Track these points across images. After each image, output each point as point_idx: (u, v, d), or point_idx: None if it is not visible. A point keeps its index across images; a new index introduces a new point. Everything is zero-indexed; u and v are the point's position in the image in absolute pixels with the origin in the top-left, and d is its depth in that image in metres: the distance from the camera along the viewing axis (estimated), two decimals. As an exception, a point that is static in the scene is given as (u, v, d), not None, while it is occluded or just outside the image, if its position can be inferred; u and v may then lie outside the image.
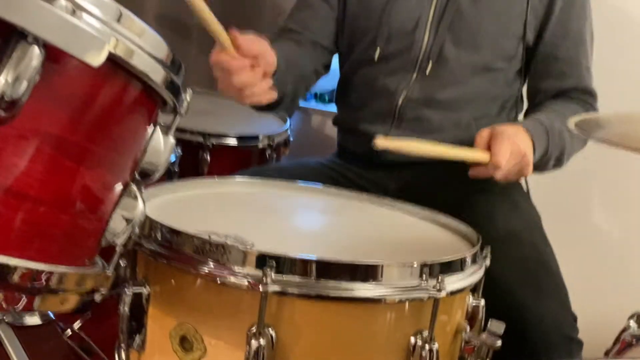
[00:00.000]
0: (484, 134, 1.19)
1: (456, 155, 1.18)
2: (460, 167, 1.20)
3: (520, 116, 1.50)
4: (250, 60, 1.14)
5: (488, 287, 1.00)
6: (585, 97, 1.40)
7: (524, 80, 1.46)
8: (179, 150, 1.52)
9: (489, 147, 1.18)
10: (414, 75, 1.40)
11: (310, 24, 1.48)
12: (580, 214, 2.00)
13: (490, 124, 1.25)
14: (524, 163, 1.20)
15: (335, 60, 1.60)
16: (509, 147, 1.16)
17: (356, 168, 1.47)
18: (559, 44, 1.39)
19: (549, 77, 1.41)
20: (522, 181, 1.46)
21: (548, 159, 1.30)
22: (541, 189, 1.47)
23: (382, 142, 1.12)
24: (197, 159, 1.62)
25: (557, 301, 1.21)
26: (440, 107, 1.40)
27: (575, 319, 1.23)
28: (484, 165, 1.17)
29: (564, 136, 1.28)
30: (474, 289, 0.97)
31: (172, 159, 0.81)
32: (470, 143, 1.24)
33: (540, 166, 1.30)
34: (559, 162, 1.33)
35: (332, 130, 1.69)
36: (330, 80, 1.74)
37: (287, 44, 1.42)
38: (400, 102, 1.41)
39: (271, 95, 1.22)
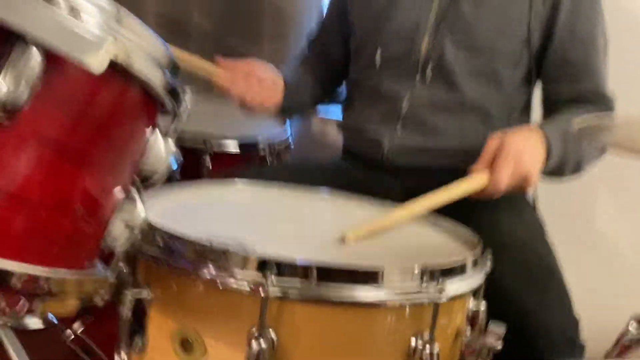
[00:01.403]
0: (492, 146, 1.18)
1: (453, 196, 1.16)
2: (465, 174, 1.20)
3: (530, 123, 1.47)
4: (240, 75, 1.40)
5: (491, 292, 1.00)
6: (603, 100, 1.37)
7: (534, 86, 1.44)
8: (180, 157, 1.52)
9: (492, 160, 1.17)
10: (417, 79, 1.40)
11: (323, 44, 1.65)
12: (583, 219, 1.99)
13: (497, 129, 1.24)
14: (526, 183, 1.19)
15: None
16: (511, 168, 1.16)
17: (361, 171, 1.47)
18: (568, 47, 1.36)
19: (561, 81, 1.38)
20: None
21: (565, 165, 1.27)
22: (545, 193, 1.46)
23: (353, 235, 1.03)
24: (198, 165, 1.62)
25: (559, 305, 1.21)
26: (445, 111, 1.39)
27: (577, 322, 1.22)
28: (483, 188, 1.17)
29: (582, 142, 1.26)
30: (475, 293, 0.97)
31: (174, 166, 0.81)
32: (475, 148, 1.23)
33: (556, 172, 1.28)
34: (577, 168, 1.31)
35: (333, 135, 1.69)
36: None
37: (310, 66, 1.63)
38: (404, 105, 1.40)
39: (274, 99, 1.46)
